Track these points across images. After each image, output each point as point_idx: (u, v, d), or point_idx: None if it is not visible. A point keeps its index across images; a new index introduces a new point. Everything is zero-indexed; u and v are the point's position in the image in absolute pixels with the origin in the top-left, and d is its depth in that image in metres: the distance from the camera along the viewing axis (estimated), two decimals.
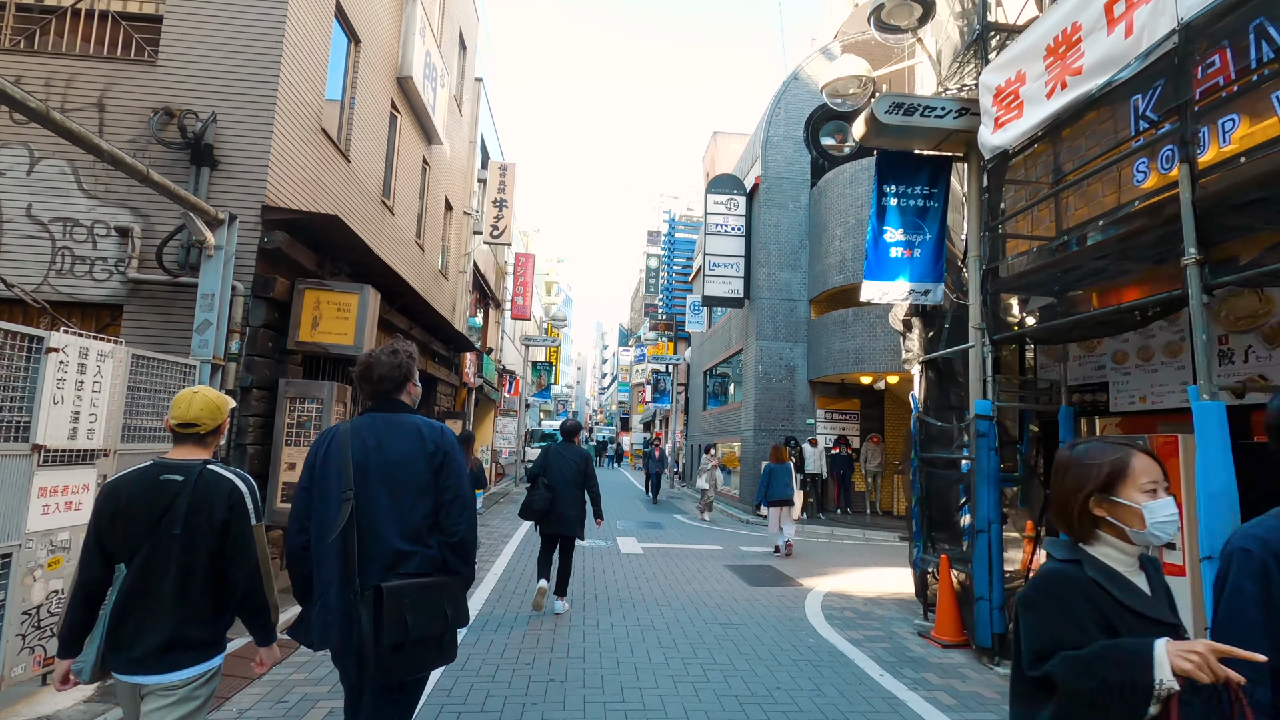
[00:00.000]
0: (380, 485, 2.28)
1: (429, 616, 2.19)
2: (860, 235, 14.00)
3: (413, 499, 2.29)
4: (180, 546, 2.15)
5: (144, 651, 2.09)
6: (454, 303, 13.81)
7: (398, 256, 9.35)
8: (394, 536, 2.24)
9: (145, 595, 2.12)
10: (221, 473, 2.26)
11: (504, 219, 14.63)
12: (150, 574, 2.13)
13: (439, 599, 2.24)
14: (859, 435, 15.84)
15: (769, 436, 15.38)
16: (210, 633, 2.20)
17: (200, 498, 2.18)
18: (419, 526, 2.29)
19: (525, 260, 20.92)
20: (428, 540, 2.31)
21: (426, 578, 2.25)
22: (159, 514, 2.15)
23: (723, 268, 16.49)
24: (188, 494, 2.18)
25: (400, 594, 2.15)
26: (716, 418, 20.03)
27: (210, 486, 2.21)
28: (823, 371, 14.81)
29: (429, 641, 2.21)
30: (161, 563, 2.14)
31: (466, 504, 2.36)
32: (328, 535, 2.23)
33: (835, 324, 14.46)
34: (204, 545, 2.17)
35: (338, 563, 2.20)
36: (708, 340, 22.23)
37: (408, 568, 2.24)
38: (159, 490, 2.18)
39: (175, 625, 2.12)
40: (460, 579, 2.35)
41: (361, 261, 6.93)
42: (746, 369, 16.39)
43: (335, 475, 2.28)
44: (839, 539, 12.16)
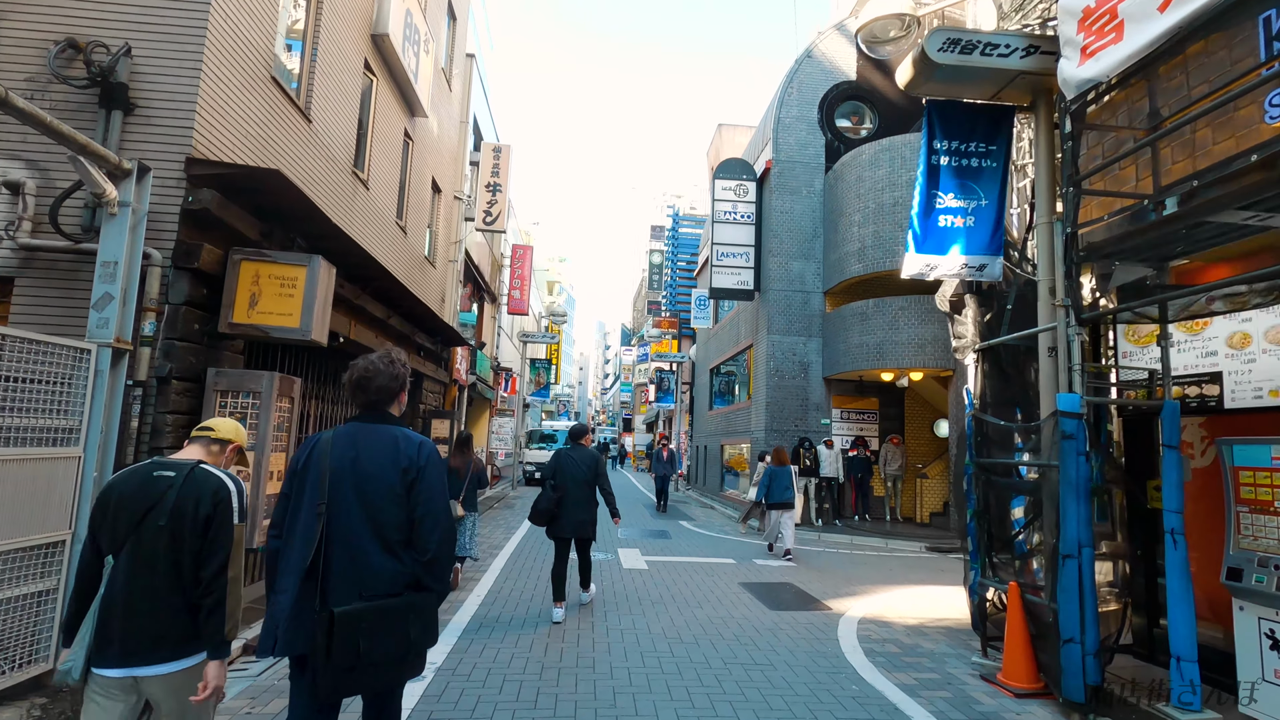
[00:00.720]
0: (354, 497, 2.29)
1: (387, 639, 2.18)
2: (881, 221, 13.02)
3: (386, 511, 2.29)
4: (166, 540, 2.19)
5: (136, 643, 2.14)
6: (443, 293, 12.83)
7: (373, 235, 8.37)
8: (367, 552, 2.25)
9: (131, 588, 2.16)
10: (212, 471, 2.33)
11: (498, 204, 13.66)
12: (135, 566, 2.18)
13: (402, 621, 2.23)
14: (878, 436, 14.82)
15: (781, 438, 14.35)
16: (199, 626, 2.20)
17: (188, 492, 2.24)
18: (393, 540, 2.29)
19: (523, 252, 19.93)
20: (401, 555, 2.30)
21: (394, 598, 2.24)
22: (146, 508, 2.21)
23: (731, 258, 15.49)
24: (176, 488, 2.24)
25: (356, 619, 2.14)
26: (724, 418, 19.02)
27: (199, 483, 2.27)
28: (839, 368, 13.79)
29: (386, 662, 2.20)
30: (147, 556, 2.18)
31: (439, 521, 2.33)
32: (296, 543, 2.25)
33: (853, 317, 13.44)
34: (189, 541, 2.20)
35: (305, 574, 2.20)
36: (714, 337, 21.22)
37: (378, 585, 2.24)
38: (150, 485, 2.25)
39: (165, 618, 2.17)
40: (433, 595, 2.34)
41: (321, 234, 5.95)
42: (757, 365, 15.38)
43: (313, 485, 2.30)
44: (860, 550, 11.14)
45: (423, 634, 2.27)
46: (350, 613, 2.13)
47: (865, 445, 14.45)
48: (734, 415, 17.83)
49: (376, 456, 2.32)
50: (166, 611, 2.17)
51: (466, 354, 14.35)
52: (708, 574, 8.28)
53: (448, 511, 2.40)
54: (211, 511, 2.23)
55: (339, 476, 2.29)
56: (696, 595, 7.11)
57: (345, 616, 2.12)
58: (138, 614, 2.15)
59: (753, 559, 9.59)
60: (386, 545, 2.27)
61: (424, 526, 2.30)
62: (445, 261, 12.93)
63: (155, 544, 2.18)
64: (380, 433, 2.38)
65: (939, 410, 14.92)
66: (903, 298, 12.82)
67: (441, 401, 12.48)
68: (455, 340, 12.12)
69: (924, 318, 12.53)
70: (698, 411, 23.73)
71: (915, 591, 7.77)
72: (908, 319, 12.64)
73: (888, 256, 12.93)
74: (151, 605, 2.16)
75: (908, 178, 12.92)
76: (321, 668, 2.11)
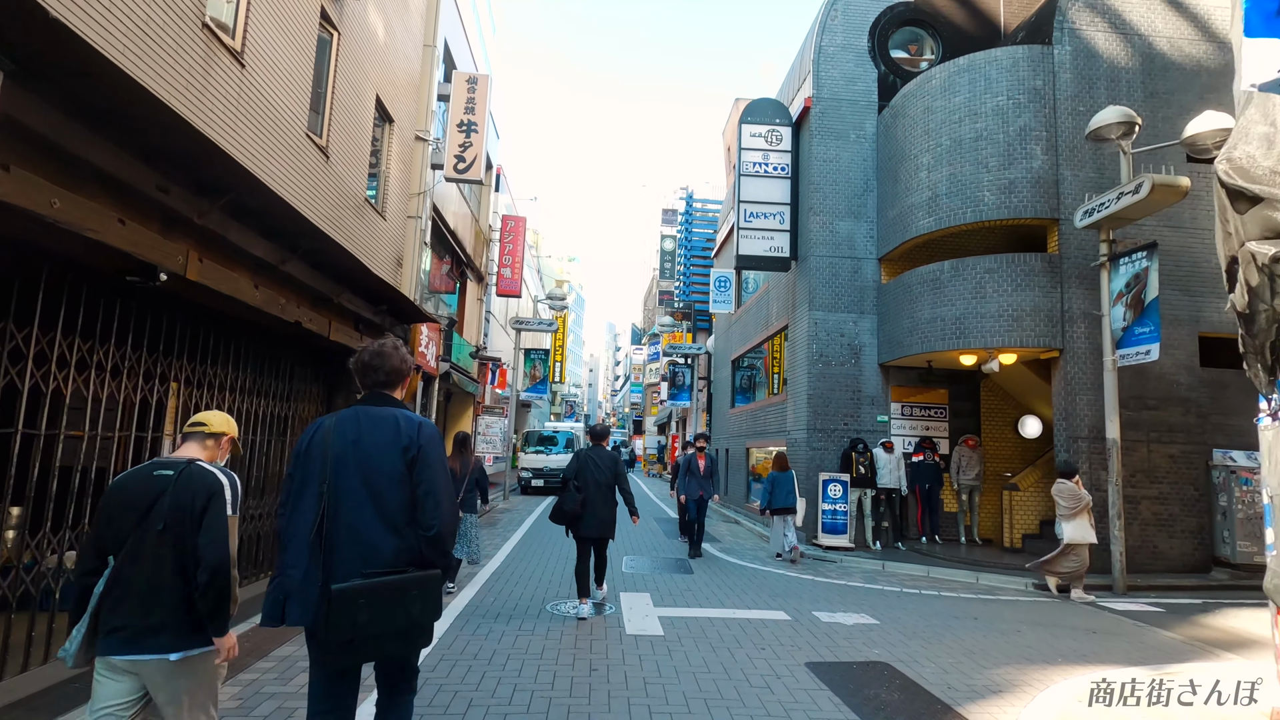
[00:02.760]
0: (358, 478, 2.37)
1: (386, 614, 2.25)
2: (960, 160, 10.17)
3: (389, 492, 2.37)
4: (168, 536, 2.31)
5: (139, 632, 2.25)
6: (400, 255, 10.09)
7: (250, 134, 5.64)
8: (371, 528, 2.35)
9: (135, 581, 2.28)
10: (207, 468, 2.44)
11: (473, 148, 10.94)
12: (138, 563, 2.30)
13: (404, 597, 2.29)
14: (947, 437, 11.91)
15: (827, 439, 11.48)
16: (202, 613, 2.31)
17: (184, 489, 2.35)
18: (396, 518, 2.38)
19: (515, 224, 17.18)
20: (404, 531, 2.38)
21: (399, 574, 2.31)
22: (147, 506, 2.33)
23: (762, 219, 12.66)
24: (174, 486, 2.35)
25: (354, 595, 2.21)
26: (749, 416, 16.16)
27: (194, 478, 2.38)
28: (901, 350, 10.91)
29: (387, 635, 2.27)
30: (148, 552, 2.30)
31: (440, 499, 2.40)
32: (300, 522, 2.35)
33: (922, 285, 10.56)
34: (188, 535, 2.32)
35: (308, 550, 2.31)
36: (737, 323, 18.37)
37: (379, 562, 2.32)
38: (150, 484, 2.37)
39: (166, 609, 2.28)
40: (436, 571, 2.41)
41: (102, 74, 3.14)
42: (794, 351, 12.53)
43: (316, 466, 2.39)
44: (944, 587, 8.25)
45: (425, 609, 2.34)
46: (348, 589, 2.20)
47: (933, 448, 11.55)
48: (763, 413, 14.96)
49: (378, 438, 2.40)
50: (167, 603, 2.29)
51: (437, 337, 11.62)
52: (755, 643, 5.45)
53: (449, 488, 2.46)
54: (206, 504, 2.33)
55: (341, 457, 2.37)
56: (741, 691, 4.29)
57: (341, 593, 2.19)
58: (141, 605, 2.27)
59: (811, 608, 6.75)
60: (390, 524, 2.36)
61: (427, 504, 2.39)
62: (403, 217, 10.20)
63: (157, 539, 2.31)
64: (382, 415, 2.46)
65: (1023, 405, 12.00)
66: (990, 257, 9.93)
67: None
68: (412, 314, 9.38)
69: (1020, 282, 9.65)
70: (716, 410, 20.88)
71: (1095, 680, 4.86)
72: (998, 284, 9.75)
73: (969, 205, 10.06)
74: (154, 597, 2.28)
75: (994, 105, 10.06)
76: (323, 640, 2.21)
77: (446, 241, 13.22)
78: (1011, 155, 9.88)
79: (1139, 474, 9.22)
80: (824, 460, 11.41)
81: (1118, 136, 8.25)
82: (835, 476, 11.01)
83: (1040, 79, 9.98)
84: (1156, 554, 9.19)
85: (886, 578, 8.87)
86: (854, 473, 11.02)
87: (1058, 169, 9.81)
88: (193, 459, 2.45)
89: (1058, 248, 9.76)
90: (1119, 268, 8.65)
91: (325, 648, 2.21)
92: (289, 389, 7.23)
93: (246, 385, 6.45)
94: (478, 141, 11.06)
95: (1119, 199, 8.27)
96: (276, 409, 7.01)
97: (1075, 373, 9.43)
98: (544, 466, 19.80)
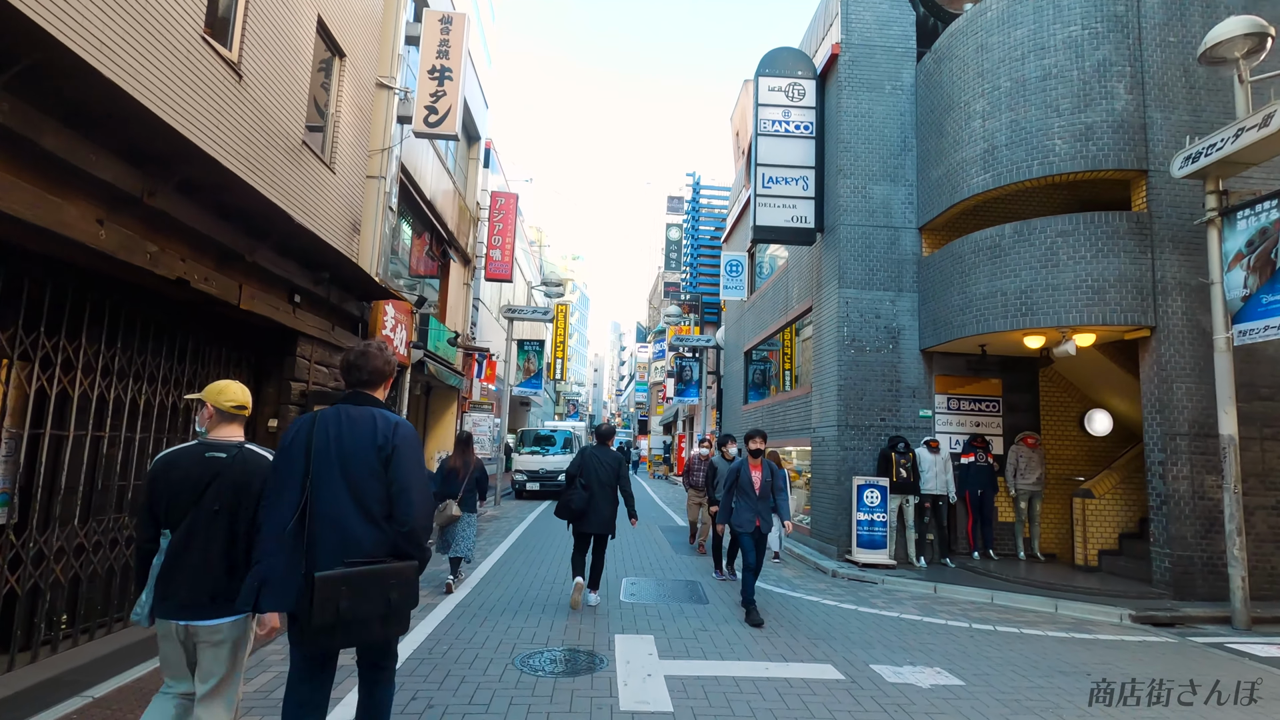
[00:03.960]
0: (338, 472, 2.47)
1: (366, 601, 2.36)
2: (1024, 105, 8.58)
3: (367, 486, 2.48)
4: (226, 516, 2.53)
5: (193, 599, 2.48)
6: (356, 219, 8.51)
7: (91, 12, 4.02)
8: (351, 520, 2.45)
9: (190, 556, 2.49)
10: (259, 451, 2.67)
11: (446, 98, 9.36)
12: (194, 538, 2.51)
13: (382, 585, 2.40)
14: (1001, 434, 10.24)
15: (861, 437, 9.84)
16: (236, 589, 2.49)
17: (240, 471, 2.58)
18: (374, 511, 2.48)
19: (505, 202, 15.57)
20: (382, 524, 2.48)
21: (378, 564, 2.42)
22: (202, 487, 2.53)
23: (783, 185, 11.01)
24: (229, 470, 2.56)
25: (336, 582, 2.32)
26: (766, 413, 14.52)
27: (250, 463, 2.60)
28: (950, 333, 9.26)
29: (367, 621, 2.38)
30: (204, 529, 2.51)
31: (413, 496, 2.50)
32: (280, 512, 2.43)
33: (977, 254, 8.90)
34: (244, 514, 2.55)
35: (288, 540, 2.40)
36: (750, 310, 16.73)
37: (359, 552, 2.42)
38: (204, 466, 2.56)
39: (219, 580, 2.50)
40: (413, 562, 2.51)
41: None
42: (822, 335, 10.88)
43: (299, 460, 2.47)
44: (1017, 619, 6.60)
45: (402, 597, 2.45)
46: (330, 577, 2.31)
47: (985, 447, 9.88)
48: (782, 409, 13.32)
49: (357, 435, 2.51)
50: (216, 576, 2.50)
51: (406, 319, 10.02)
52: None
53: (423, 485, 2.57)
54: (263, 486, 2.52)
55: (323, 453, 2.47)
56: None
57: (324, 580, 2.30)
58: (196, 576, 2.48)
59: (866, 656, 5.11)
60: (368, 516, 2.47)
61: (400, 501, 2.49)
62: (361, 175, 8.61)
63: (211, 518, 2.51)
64: (362, 414, 2.56)
65: (1089, 397, 10.33)
66: (1064, 218, 8.27)
67: None
68: (365, 286, 7.78)
69: (1102, 246, 7.98)
70: (727, 407, 19.24)
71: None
72: (1074, 250, 8.09)
73: (1035, 157, 8.40)
74: (205, 570, 2.49)
75: (1066, 36, 8.40)
76: (305, 625, 2.33)
77: (422, 214, 11.62)
78: (1088, 95, 8.22)
79: (1251, 478, 7.53)
80: (858, 462, 9.77)
81: (1242, 53, 6.58)
82: (872, 481, 9.38)
83: (1122, 3, 8.31)
84: (1273, 576, 7.51)
85: (943, 605, 7.23)
86: (894, 476, 9.38)
87: (1145, 111, 8.14)
88: (243, 442, 2.66)
89: (1146, 204, 8.08)
90: (1234, 223, 6.98)
91: (308, 632, 2.33)
92: (191, 374, 5.64)
93: (120, 367, 4.85)
94: (452, 90, 9.46)
95: (1237, 137, 6.60)
96: (171, 398, 5.42)
97: (1171, 355, 7.75)
98: (540, 468, 18.19)
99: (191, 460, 2.56)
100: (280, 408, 6.69)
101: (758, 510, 6.29)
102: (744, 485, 6.37)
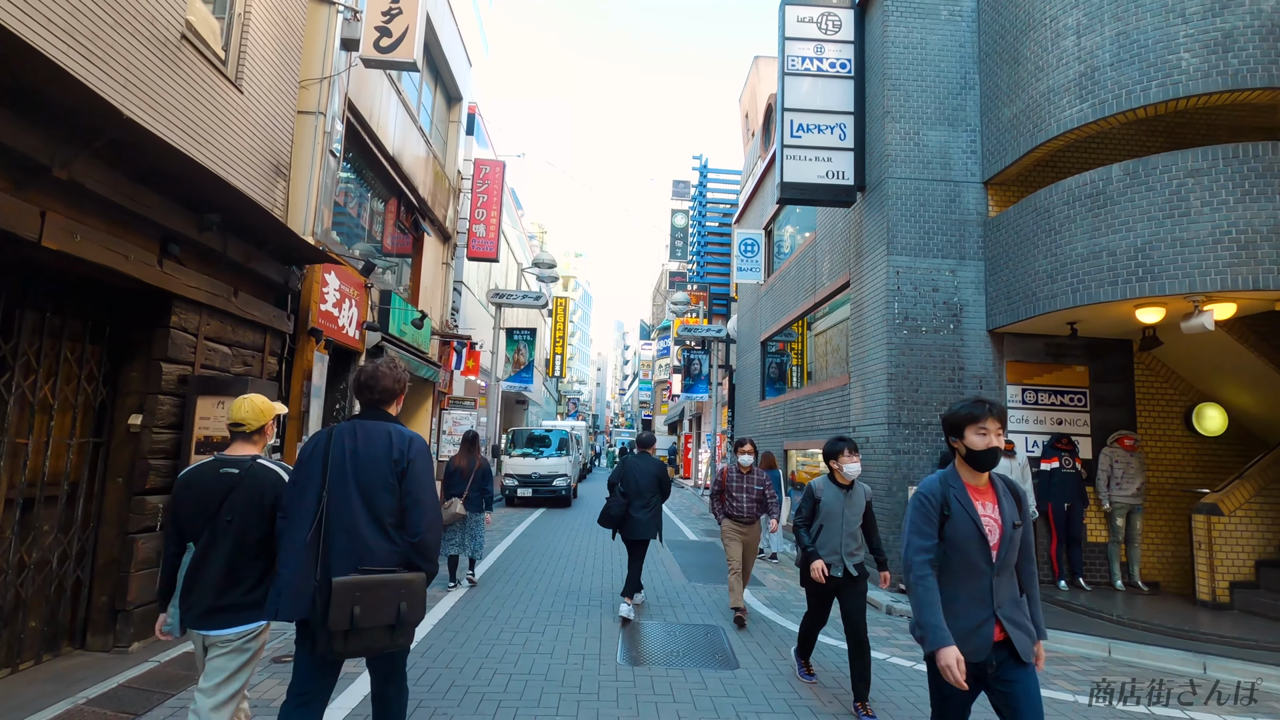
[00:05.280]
0: (353, 485, 2.52)
1: (379, 609, 2.40)
2: (1135, 14, 6.64)
3: (381, 498, 2.53)
4: (235, 529, 2.60)
5: (206, 610, 2.56)
6: (281, 160, 6.66)
7: None
8: (364, 531, 2.49)
9: (208, 567, 2.59)
10: (269, 466, 2.74)
11: (402, 17, 7.53)
12: (211, 550, 2.60)
13: (394, 594, 2.43)
14: (1089, 433, 8.33)
15: (917, 437, 7.98)
16: (257, 598, 2.61)
17: (252, 487, 2.66)
18: (386, 523, 2.52)
19: (491, 170, 13.70)
20: (394, 536, 2.53)
21: (388, 573, 2.46)
22: (218, 501, 2.63)
23: (814, 133, 9.14)
24: (242, 484, 2.65)
25: (351, 588, 2.37)
26: (789, 409, 12.63)
27: (260, 478, 2.68)
28: (1029, 308, 7.37)
29: (378, 629, 2.41)
30: (220, 541, 2.60)
31: (426, 508, 2.55)
32: (299, 523, 2.49)
33: (1071, 205, 7.01)
34: (256, 527, 2.63)
35: (307, 550, 2.45)
36: (768, 294, 14.84)
37: (373, 561, 2.47)
38: (219, 481, 2.66)
39: (233, 590, 2.58)
40: (421, 574, 2.53)
41: None
42: (865, 314, 9.01)
43: (316, 472, 2.54)
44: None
45: (411, 609, 2.47)
46: (347, 583, 2.37)
47: (1072, 450, 7.98)
48: (810, 404, 11.43)
49: (372, 449, 2.57)
50: (232, 586, 2.58)
51: (359, 295, 8.18)
52: None
53: (434, 499, 2.63)
54: (274, 501, 2.63)
55: (339, 466, 2.53)
56: None
57: (342, 586, 2.36)
58: (213, 588, 2.57)
59: None
60: (381, 527, 2.51)
61: (413, 513, 2.54)
62: (286, 105, 6.76)
63: (227, 530, 2.60)
64: (377, 428, 2.62)
65: (1197, 388, 8.41)
66: (1195, 152, 6.34)
67: (258, 365, 6.23)
68: (286, 242, 5.93)
69: (1251, 187, 6.08)
70: (741, 403, 17.35)
71: None
72: (1210, 192, 6.19)
73: (1151, 76, 6.50)
74: (223, 581, 2.57)
75: None
76: (320, 631, 2.38)
77: (385, 173, 9.77)
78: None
79: None
80: (913, 468, 7.90)
81: None
82: None
83: None
84: None
85: (1050, 663, 5.35)
86: None
87: None
88: (254, 457, 2.76)
89: None
90: None
91: (322, 638, 2.38)
92: None
93: None
94: (410, 8, 7.62)
95: None
96: None
97: None
98: (533, 473, 16.30)
99: (208, 476, 2.67)
100: (147, 399, 4.84)
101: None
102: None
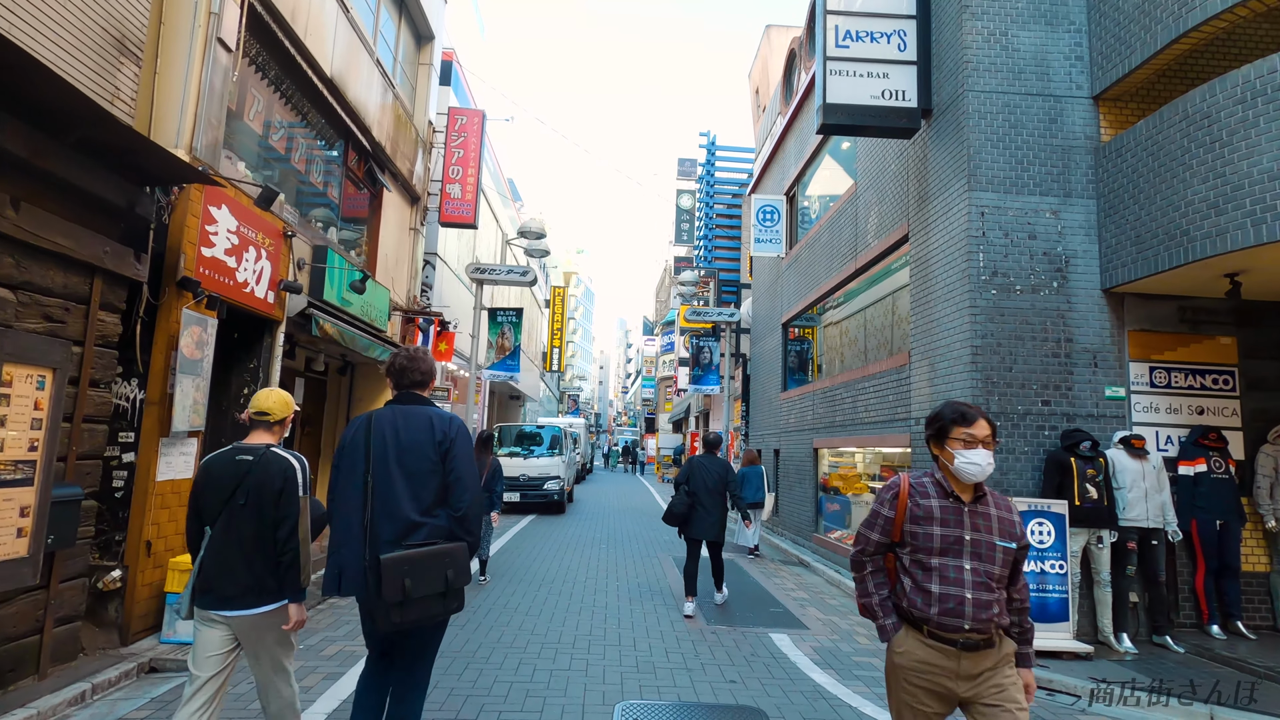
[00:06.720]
0: (396, 467, 2.71)
1: (428, 579, 2.58)
2: None
3: (423, 479, 2.72)
4: (251, 512, 2.71)
5: (233, 592, 2.66)
6: (128, 36, 4.70)
7: None
8: (408, 510, 2.67)
9: (226, 550, 2.69)
10: (281, 453, 2.83)
11: None
12: (228, 534, 2.70)
13: (440, 564, 2.63)
14: (1239, 426, 6.31)
15: (1012, 430, 6.01)
16: (275, 581, 2.71)
17: (263, 472, 2.74)
18: (429, 502, 2.72)
19: (468, 121, 11.70)
20: (435, 513, 2.73)
21: (433, 545, 2.66)
22: (233, 486, 2.73)
23: (866, 42, 7.14)
24: (255, 470, 2.74)
25: (399, 564, 2.54)
26: (820, 400, 10.62)
27: (271, 464, 2.76)
28: (1177, 255, 5.36)
29: (430, 598, 2.60)
30: (236, 525, 2.70)
31: (467, 484, 2.75)
32: (347, 506, 2.69)
33: (1244, 107, 4.98)
34: (268, 511, 2.71)
35: (357, 530, 2.65)
36: (791, 268, 12.83)
37: (417, 537, 2.66)
38: (235, 467, 2.77)
39: (253, 572, 2.68)
40: (464, 544, 2.74)
41: None
42: (932, 275, 7.00)
43: (360, 457, 2.73)
44: None
45: (458, 574, 2.67)
46: (395, 558, 2.55)
47: (1222, 449, 5.97)
48: (849, 393, 9.41)
49: (414, 432, 2.75)
50: (250, 568, 2.68)
51: (275, 243, 6.22)
52: None
53: (475, 476, 2.79)
54: (282, 486, 2.72)
55: (382, 450, 2.71)
56: None
57: (390, 561, 2.53)
58: (230, 570, 2.67)
59: None
60: (422, 506, 2.69)
61: (457, 488, 2.73)
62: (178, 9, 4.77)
63: (242, 515, 2.70)
64: (417, 413, 2.81)
65: None
66: None
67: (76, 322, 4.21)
68: (121, 140, 3.97)
69: None
70: (757, 396, 15.33)
71: None
72: None
73: None
74: (240, 563, 2.68)
75: None
76: (376, 606, 2.57)
77: (322, 100, 7.78)
78: None
79: None
80: (1006, 472, 5.91)
81: None
82: (1036, 506, 5.55)
83: None
84: None
85: None
86: (1075, 498, 5.54)
87: None
88: (269, 445, 2.85)
89: None
90: None
91: (378, 612, 2.55)
92: None
93: None
94: None
95: None
96: None
97: None
98: (521, 474, 14.35)
99: (225, 463, 2.78)
100: None
101: None
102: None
